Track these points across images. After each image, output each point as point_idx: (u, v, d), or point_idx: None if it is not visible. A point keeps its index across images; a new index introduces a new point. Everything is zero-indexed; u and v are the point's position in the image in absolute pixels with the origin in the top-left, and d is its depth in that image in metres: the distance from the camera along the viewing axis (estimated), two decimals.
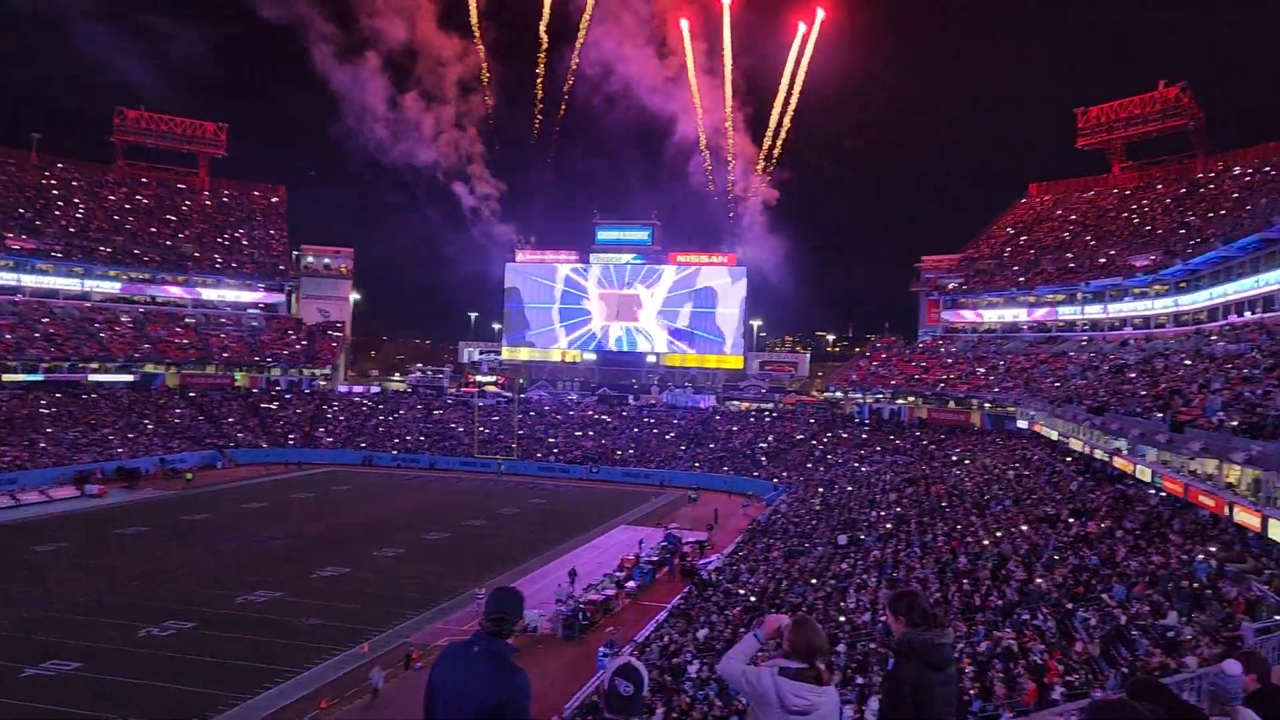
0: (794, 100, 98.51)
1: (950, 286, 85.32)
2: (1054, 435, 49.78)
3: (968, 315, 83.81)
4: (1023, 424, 61.06)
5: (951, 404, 75.07)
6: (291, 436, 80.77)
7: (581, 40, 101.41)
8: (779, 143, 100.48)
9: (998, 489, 42.87)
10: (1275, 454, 21.61)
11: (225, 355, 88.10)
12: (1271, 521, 21.19)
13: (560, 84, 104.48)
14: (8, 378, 70.73)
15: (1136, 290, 66.32)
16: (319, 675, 27.23)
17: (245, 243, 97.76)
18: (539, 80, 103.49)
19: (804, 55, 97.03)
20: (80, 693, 25.08)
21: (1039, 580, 25.03)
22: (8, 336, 73.04)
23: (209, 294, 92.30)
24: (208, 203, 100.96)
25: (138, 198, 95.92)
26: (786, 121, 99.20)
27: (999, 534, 32.43)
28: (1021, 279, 78.72)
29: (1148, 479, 31.53)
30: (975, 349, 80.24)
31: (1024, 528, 32.61)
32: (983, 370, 74.95)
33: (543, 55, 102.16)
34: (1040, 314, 77.44)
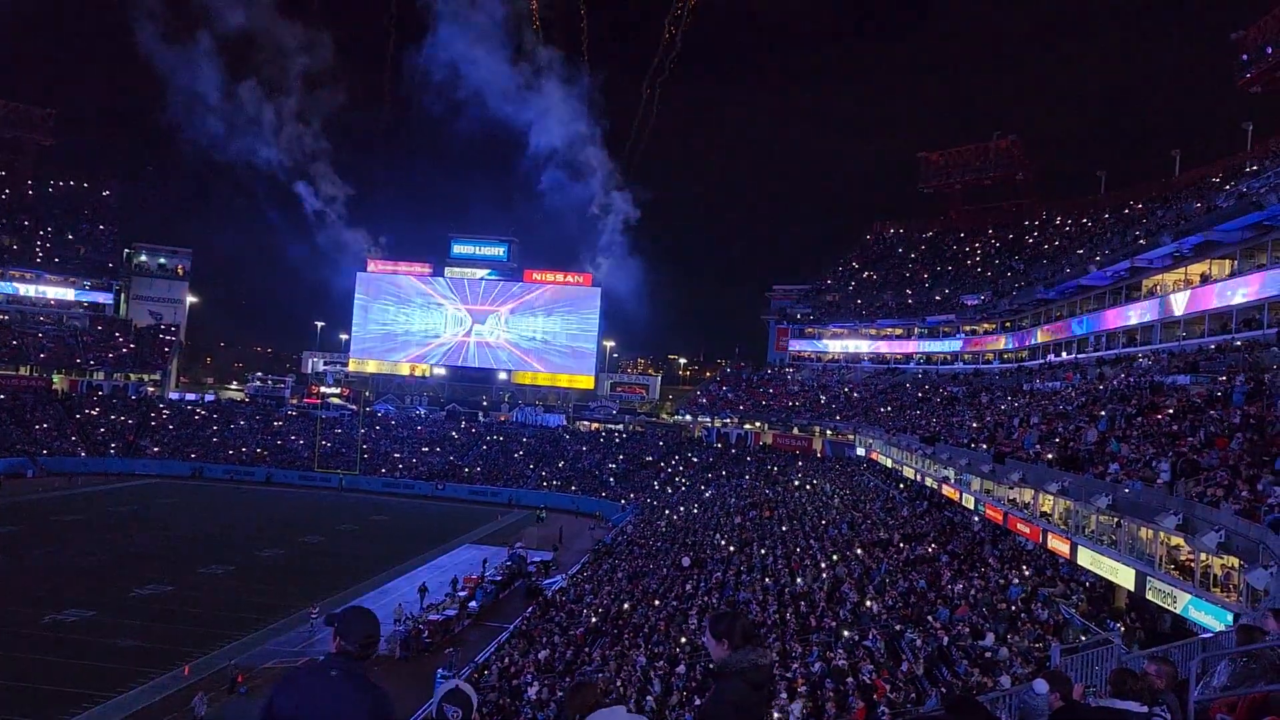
0: (653, 114, 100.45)
1: (798, 316, 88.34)
2: (889, 463, 52.13)
3: (814, 344, 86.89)
4: (861, 451, 63.72)
5: (795, 430, 77.52)
6: (113, 445, 75.56)
7: (431, 35, 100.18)
8: (637, 159, 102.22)
9: (835, 514, 44.43)
10: (1084, 485, 23.24)
11: (42, 356, 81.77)
12: (1080, 548, 22.76)
13: (412, 87, 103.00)
14: None
15: (967, 327, 70.44)
16: (133, 700, 25.39)
17: (71, 237, 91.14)
18: (387, 79, 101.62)
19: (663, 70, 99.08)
20: None
21: (870, 603, 26.00)
22: None
23: (26, 289, 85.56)
24: (30, 193, 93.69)
25: None
26: (645, 137, 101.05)
27: (835, 557, 33.56)
28: (864, 312, 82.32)
29: (972, 506, 33.39)
30: (820, 377, 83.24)
31: (859, 551, 33.88)
32: (825, 398, 77.79)
33: (390, 47, 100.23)
34: (880, 346, 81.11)
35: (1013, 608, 22.53)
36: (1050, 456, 27.29)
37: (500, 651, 29.98)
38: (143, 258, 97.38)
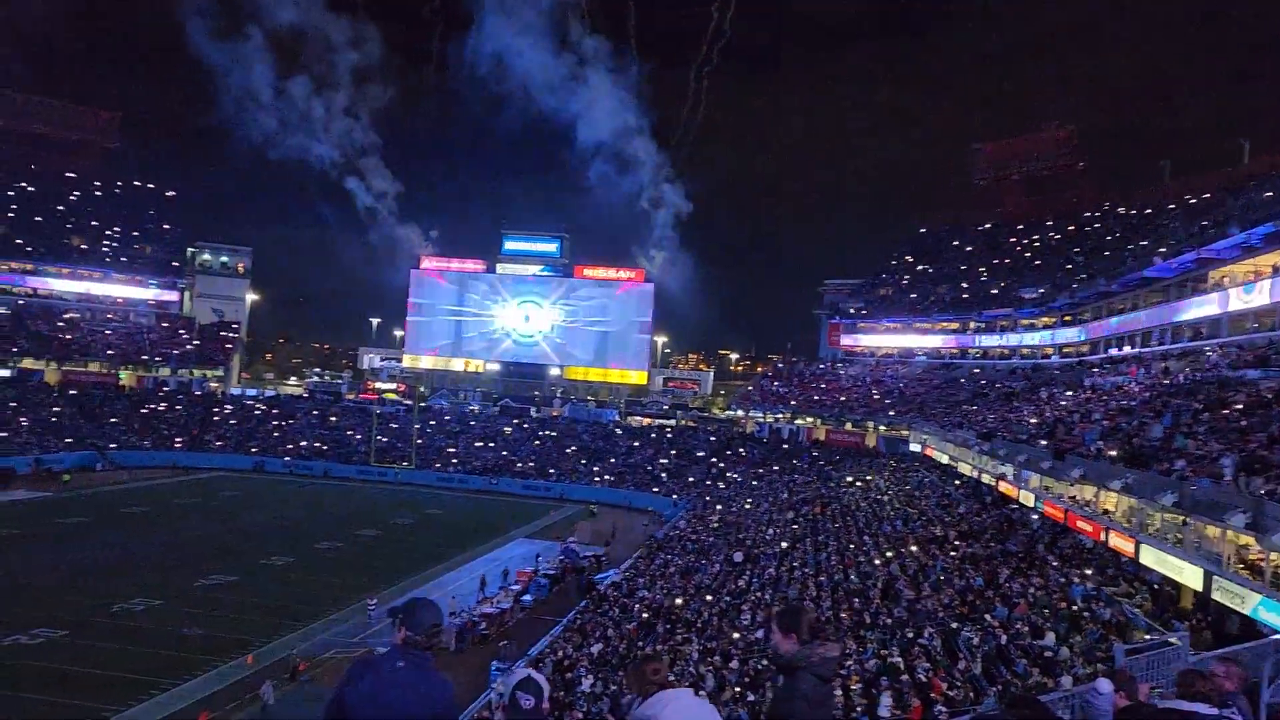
0: (702, 106, 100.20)
1: (851, 310, 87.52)
2: (944, 459, 51.39)
3: (867, 339, 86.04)
4: (915, 447, 62.89)
5: (849, 425, 76.82)
6: (178, 439, 77.50)
7: (477, 27, 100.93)
8: (686, 153, 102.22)
9: (890, 510, 43.97)
10: (1149, 482, 22.70)
11: (110, 352, 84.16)
12: (1144, 547, 22.24)
13: (459, 81, 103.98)
14: None
15: (1025, 321, 69.16)
16: (199, 687, 26.06)
17: (137, 236, 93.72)
18: (434, 73, 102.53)
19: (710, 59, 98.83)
20: None
21: (926, 599, 25.69)
22: None
23: (96, 288, 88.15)
24: (98, 194, 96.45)
25: (22, 185, 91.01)
26: (694, 130, 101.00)
27: (889, 554, 33.23)
28: (918, 306, 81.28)
29: (1031, 504, 32.79)
30: (873, 372, 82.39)
31: (913, 548, 33.49)
32: (879, 393, 76.97)
33: (436, 41, 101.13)
34: (935, 341, 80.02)
35: (1074, 607, 22.10)
36: (1113, 453, 26.71)
37: (554, 644, 30.20)
38: (205, 256, 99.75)
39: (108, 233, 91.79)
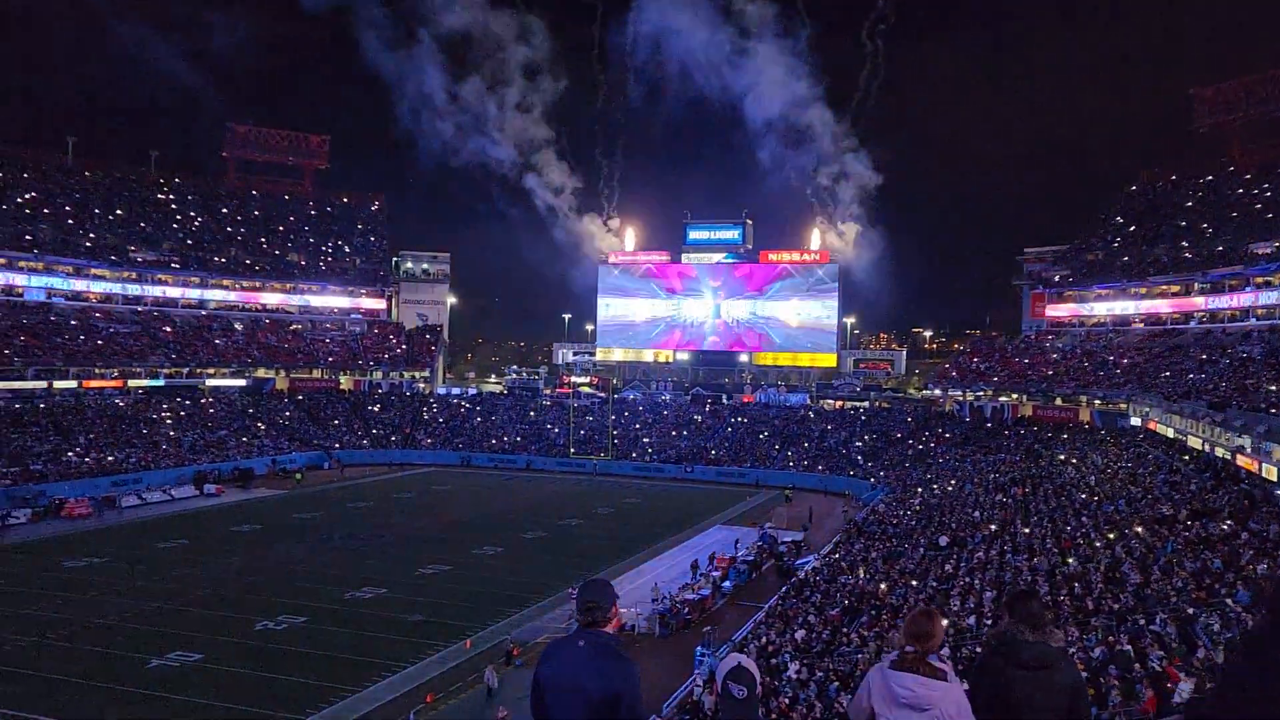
0: (881, 69, 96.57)
1: (1055, 279, 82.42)
2: (1170, 433, 47.68)
3: (1074, 308, 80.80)
4: (1136, 421, 58.60)
5: (1058, 400, 72.39)
6: (393, 437, 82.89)
7: (635, 10, 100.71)
8: (865, 122, 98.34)
9: (1110, 489, 41.14)
10: None
11: (330, 359, 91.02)
12: None
13: (624, 68, 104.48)
14: (133, 383, 74.51)
15: (1259, 279, 62.89)
16: (424, 670, 27.86)
17: (348, 250, 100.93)
18: (598, 61, 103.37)
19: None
20: (202, 683, 26.22)
21: (1156, 584, 23.88)
22: (133, 344, 76.98)
23: (315, 301, 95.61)
24: (312, 213, 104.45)
25: (248, 210, 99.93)
26: (872, 96, 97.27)
27: (1112, 535, 31.09)
28: (1133, 270, 75.55)
29: (1274, 478, 29.85)
30: (1083, 343, 77.31)
31: (1139, 529, 31.19)
32: (1091, 365, 72.14)
33: (596, 30, 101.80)
34: (1153, 305, 74.17)
35: None
36: None
37: (756, 630, 30.17)
38: (409, 264, 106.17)
39: (323, 249, 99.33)
